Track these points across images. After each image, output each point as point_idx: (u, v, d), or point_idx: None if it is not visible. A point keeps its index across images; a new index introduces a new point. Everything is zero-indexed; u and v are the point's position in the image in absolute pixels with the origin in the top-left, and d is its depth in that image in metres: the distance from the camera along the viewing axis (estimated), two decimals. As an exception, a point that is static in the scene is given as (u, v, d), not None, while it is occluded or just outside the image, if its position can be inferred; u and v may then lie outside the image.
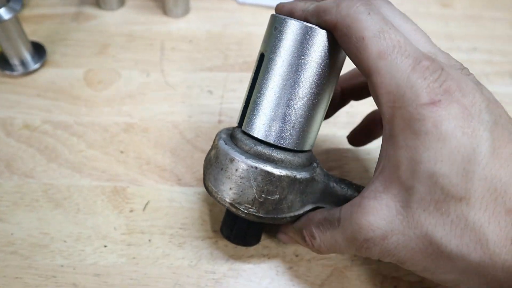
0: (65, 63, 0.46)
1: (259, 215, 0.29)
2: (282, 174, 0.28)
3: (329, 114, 0.37)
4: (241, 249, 0.35)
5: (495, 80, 0.51)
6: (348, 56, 0.26)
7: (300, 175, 0.29)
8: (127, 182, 0.38)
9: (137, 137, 0.41)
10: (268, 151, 0.29)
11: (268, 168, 0.28)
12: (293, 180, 0.28)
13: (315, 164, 0.31)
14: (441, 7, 0.59)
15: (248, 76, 0.46)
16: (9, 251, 0.34)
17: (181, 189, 0.38)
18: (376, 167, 0.26)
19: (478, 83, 0.25)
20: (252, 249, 0.35)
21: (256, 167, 0.28)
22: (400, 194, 0.24)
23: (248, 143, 0.29)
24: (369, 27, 0.24)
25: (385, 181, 0.25)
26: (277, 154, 0.29)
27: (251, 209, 0.28)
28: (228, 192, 0.29)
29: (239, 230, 0.32)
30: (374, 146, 0.40)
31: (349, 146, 0.41)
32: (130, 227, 0.35)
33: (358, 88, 0.35)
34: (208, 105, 0.44)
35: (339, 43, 0.26)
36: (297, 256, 0.34)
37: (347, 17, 0.25)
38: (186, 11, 0.52)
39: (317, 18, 0.27)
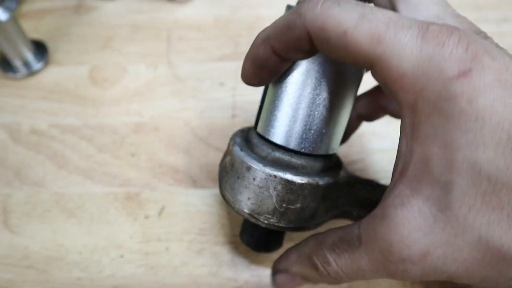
0: (68, 61, 0.44)
1: (281, 225, 0.27)
2: (303, 182, 0.26)
3: (344, 139, 0.33)
4: (262, 254, 0.33)
5: (528, 52, 0.47)
6: (339, 60, 0.21)
7: (323, 181, 0.26)
8: (140, 187, 0.36)
9: (147, 138, 0.39)
10: (288, 157, 0.27)
11: (288, 176, 0.26)
12: (316, 187, 0.26)
13: (338, 167, 0.29)
14: (466, -27, 0.55)
15: (260, 64, 0.44)
16: (25, 265, 0.33)
17: (197, 192, 0.36)
18: (394, 169, 0.22)
19: (498, 46, 0.20)
20: (274, 254, 0.33)
21: (275, 176, 0.26)
22: (434, 194, 0.19)
23: (265, 149, 0.27)
24: (346, 17, 0.19)
25: (411, 182, 0.20)
26: (297, 160, 0.27)
27: (271, 220, 0.27)
28: (246, 202, 0.27)
29: (260, 237, 0.30)
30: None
31: (371, 136, 0.38)
32: (146, 235, 0.34)
33: (374, 112, 0.32)
34: (220, 98, 0.41)
35: (324, 52, 0.21)
36: (322, 259, 0.33)
37: (316, 20, 0.20)
38: (192, -5, 0.49)
39: (284, 39, 0.22)
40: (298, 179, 0.26)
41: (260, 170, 0.26)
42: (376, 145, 0.38)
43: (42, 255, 0.33)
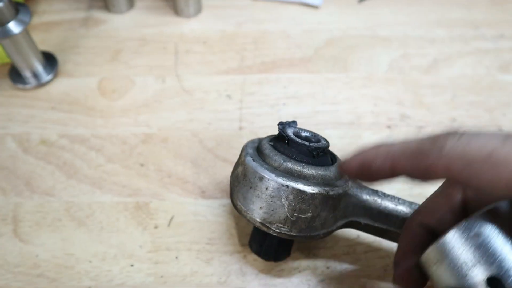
0: (77, 73, 0.45)
1: (292, 234, 0.27)
2: (315, 192, 0.27)
3: None
4: (271, 263, 0.34)
5: (524, 69, 0.48)
6: (480, 188, 0.20)
7: (333, 191, 0.27)
8: (149, 196, 0.37)
9: (156, 148, 0.40)
10: (299, 167, 0.28)
11: (300, 186, 0.27)
12: (326, 197, 0.27)
13: (347, 177, 0.30)
14: (463, -8, 0.56)
15: (267, 77, 0.45)
16: (36, 274, 0.33)
17: (206, 202, 0.37)
18: None
19: None
20: (282, 263, 0.34)
21: (287, 186, 0.27)
22: None
23: (277, 160, 0.28)
24: (489, 140, 0.20)
25: None
26: (309, 170, 0.28)
27: (283, 228, 0.27)
28: (258, 211, 0.28)
29: (269, 246, 0.31)
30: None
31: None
32: (156, 244, 0.35)
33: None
34: (227, 110, 0.42)
35: (461, 181, 0.21)
36: (328, 268, 0.33)
37: (456, 147, 0.20)
38: (198, 10, 0.50)
39: (413, 161, 0.22)
40: (309, 189, 0.27)
41: (273, 180, 0.27)
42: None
43: (52, 263, 0.34)
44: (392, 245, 0.34)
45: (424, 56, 0.48)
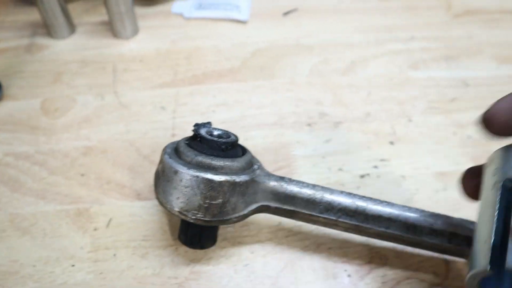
0: (21, 96, 0.48)
1: (206, 219, 0.31)
2: (222, 179, 0.30)
3: None
4: (200, 253, 0.37)
5: (432, 65, 0.54)
6: None
7: (240, 178, 0.31)
8: (89, 203, 0.40)
9: (96, 159, 0.43)
10: (208, 160, 0.31)
11: (209, 175, 0.30)
12: (233, 184, 0.31)
13: (255, 166, 0.34)
14: (379, 1, 0.62)
15: (198, 88, 0.49)
16: (-18, 281, 0.36)
17: (141, 203, 0.40)
18: None
19: None
20: (210, 251, 0.37)
21: (197, 176, 0.30)
22: None
23: (190, 155, 0.32)
24: None
25: None
26: (217, 162, 0.31)
27: (198, 215, 0.31)
28: (176, 202, 0.31)
29: (193, 235, 0.34)
30: (321, 141, 0.43)
31: (296, 146, 0.44)
32: (95, 244, 0.38)
33: None
34: (161, 120, 0.46)
35: None
36: (252, 253, 0.37)
37: None
38: (135, 31, 0.54)
39: None
40: (217, 178, 0.30)
41: (185, 172, 0.31)
42: (300, 151, 0.44)
43: (-2, 270, 0.36)
44: (312, 228, 0.38)
45: (342, 60, 0.53)
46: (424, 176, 0.43)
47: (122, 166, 0.43)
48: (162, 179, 0.32)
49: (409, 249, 0.37)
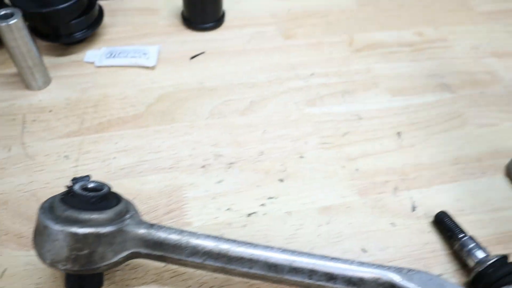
0: None
1: (75, 269, 0.34)
2: (86, 232, 0.33)
3: None
4: (87, 298, 0.39)
5: (329, 101, 0.58)
6: None
7: (105, 229, 0.34)
8: (-14, 255, 0.42)
9: (-3, 211, 0.45)
10: (75, 214, 0.34)
11: (74, 229, 0.33)
12: (98, 235, 0.34)
13: (127, 216, 0.37)
14: (284, 39, 0.67)
15: (102, 136, 0.52)
16: None
17: (36, 252, 0.42)
18: None
19: None
20: (98, 295, 0.40)
21: (63, 230, 0.33)
22: None
23: (60, 210, 0.35)
24: None
25: None
26: (84, 216, 0.34)
27: (67, 265, 0.34)
28: (47, 254, 0.34)
29: (73, 283, 0.37)
30: (213, 182, 0.46)
31: (188, 188, 0.47)
32: (-11, 295, 0.40)
33: None
34: (64, 169, 0.49)
35: None
36: (137, 294, 0.40)
37: None
38: (47, 82, 0.57)
39: None
40: (81, 230, 0.33)
41: (53, 227, 0.33)
42: (192, 193, 0.47)
43: None
44: (193, 270, 0.41)
45: (242, 100, 0.57)
46: (310, 211, 0.46)
47: (22, 217, 0.45)
48: (36, 234, 0.35)
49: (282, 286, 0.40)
